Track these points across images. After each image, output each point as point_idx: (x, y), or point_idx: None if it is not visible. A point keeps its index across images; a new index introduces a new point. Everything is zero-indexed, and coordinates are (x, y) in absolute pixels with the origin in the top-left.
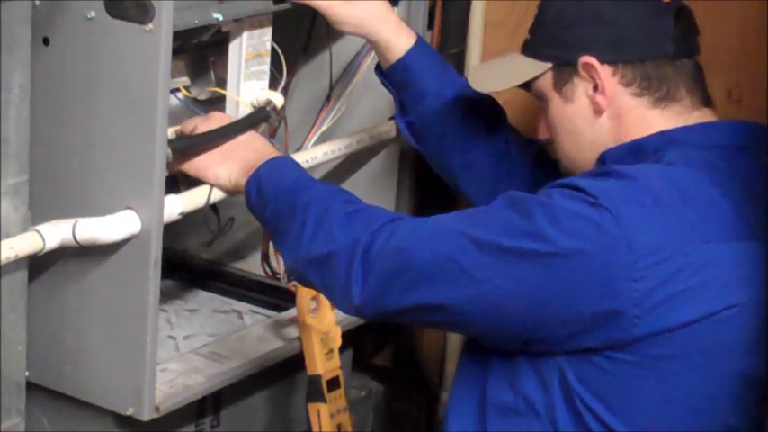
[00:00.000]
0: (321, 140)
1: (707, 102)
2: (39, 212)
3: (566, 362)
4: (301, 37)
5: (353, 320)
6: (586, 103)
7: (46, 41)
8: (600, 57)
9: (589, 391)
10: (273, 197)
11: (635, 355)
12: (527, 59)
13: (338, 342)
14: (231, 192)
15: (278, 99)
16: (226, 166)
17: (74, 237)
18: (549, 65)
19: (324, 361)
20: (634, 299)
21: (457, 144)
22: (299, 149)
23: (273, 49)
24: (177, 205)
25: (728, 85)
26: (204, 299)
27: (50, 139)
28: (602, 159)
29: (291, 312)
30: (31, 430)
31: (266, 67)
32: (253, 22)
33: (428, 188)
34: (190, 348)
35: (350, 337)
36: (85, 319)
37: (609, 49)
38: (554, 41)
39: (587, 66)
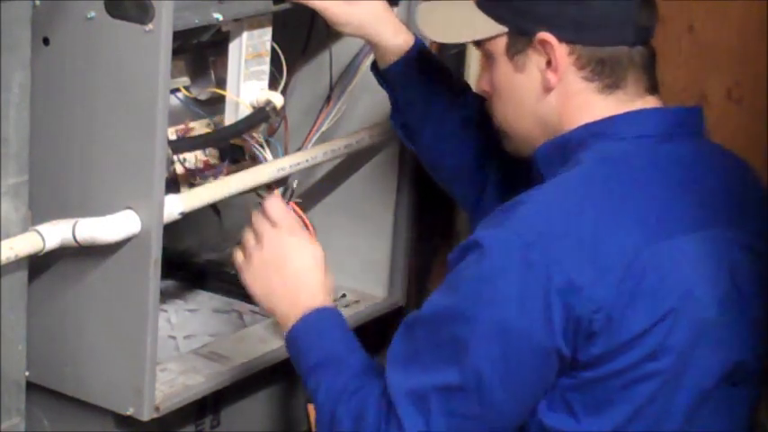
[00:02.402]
0: (321, 140)
1: (653, 89)
2: (39, 212)
3: None
4: (301, 37)
5: (353, 321)
6: (537, 77)
7: (46, 41)
8: (559, 35)
9: (559, 412)
10: (305, 368)
11: (598, 372)
12: (482, 15)
13: None
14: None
15: (278, 99)
16: (276, 300)
17: (74, 237)
18: (506, 29)
19: None
20: (594, 327)
21: (445, 150)
22: (299, 149)
23: (273, 49)
24: (177, 205)
25: (728, 85)
26: (204, 299)
27: (50, 139)
28: (535, 159)
29: None
30: (31, 430)
31: (266, 67)
32: (253, 22)
33: (428, 188)
34: (190, 348)
35: None
36: (85, 319)
37: (570, 28)
38: (515, 8)
39: (544, 42)
